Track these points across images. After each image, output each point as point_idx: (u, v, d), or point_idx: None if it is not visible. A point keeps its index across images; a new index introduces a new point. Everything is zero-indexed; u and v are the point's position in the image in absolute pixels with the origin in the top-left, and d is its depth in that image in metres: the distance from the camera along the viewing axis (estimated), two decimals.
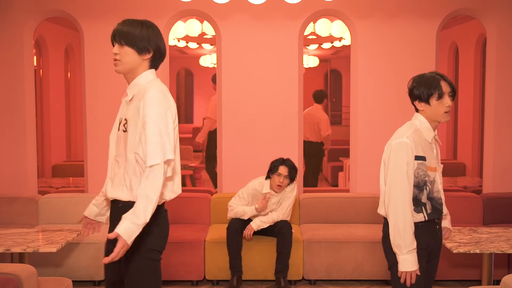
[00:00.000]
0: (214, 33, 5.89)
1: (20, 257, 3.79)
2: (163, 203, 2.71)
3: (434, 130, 2.76)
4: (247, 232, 4.63)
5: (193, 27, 6.97)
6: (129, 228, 2.40)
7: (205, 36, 7.84)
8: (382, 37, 5.43)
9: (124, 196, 2.61)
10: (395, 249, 2.61)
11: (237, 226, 4.65)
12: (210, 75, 7.93)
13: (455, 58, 8.73)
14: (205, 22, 6.80)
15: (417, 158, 2.65)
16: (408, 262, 2.59)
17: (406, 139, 2.65)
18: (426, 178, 2.68)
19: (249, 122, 5.49)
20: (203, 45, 9.09)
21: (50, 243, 3.63)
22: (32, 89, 5.53)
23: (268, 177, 4.74)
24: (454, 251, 3.44)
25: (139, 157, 2.53)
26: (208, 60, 10.67)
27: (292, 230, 4.73)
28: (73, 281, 3.81)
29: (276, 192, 4.72)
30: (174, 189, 2.68)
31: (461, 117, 8.38)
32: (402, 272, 2.61)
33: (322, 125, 7.55)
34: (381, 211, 2.79)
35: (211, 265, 4.76)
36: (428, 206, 2.69)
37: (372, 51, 5.45)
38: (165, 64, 5.47)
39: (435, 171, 2.72)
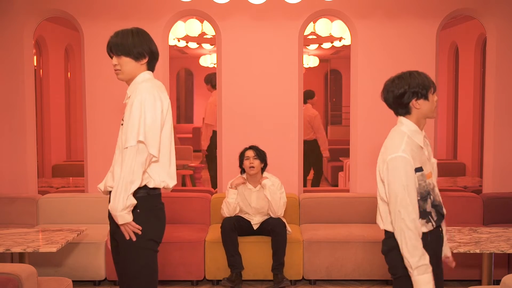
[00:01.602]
0: (214, 33, 5.89)
1: (20, 257, 3.79)
2: (160, 196, 2.81)
3: (422, 131, 2.67)
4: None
5: (193, 27, 6.97)
6: (113, 215, 2.65)
7: (205, 36, 7.84)
8: (382, 37, 5.43)
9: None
10: (412, 270, 2.49)
11: (231, 223, 4.67)
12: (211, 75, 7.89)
13: (455, 58, 8.73)
14: (205, 22, 6.80)
15: (416, 170, 2.55)
16: (427, 282, 2.48)
17: (402, 153, 2.53)
18: (428, 188, 2.61)
19: (249, 122, 5.49)
20: (203, 45, 9.09)
21: (50, 243, 3.63)
22: (32, 89, 5.53)
23: (242, 171, 4.87)
24: (454, 251, 3.44)
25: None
26: (208, 60, 10.67)
27: (287, 228, 4.74)
28: (73, 281, 3.81)
29: (249, 180, 4.80)
30: (162, 178, 2.75)
31: (461, 117, 8.38)
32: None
33: (313, 122, 7.62)
34: (382, 225, 2.71)
35: (211, 265, 4.76)
36: (434, 214, 2.63)
37: (372, 51, 5.45)
38: (165, 64, 5.47)
39: (432, 177, 2.67)
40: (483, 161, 5.82)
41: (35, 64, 6.15)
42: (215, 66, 6.57)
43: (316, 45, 9.27)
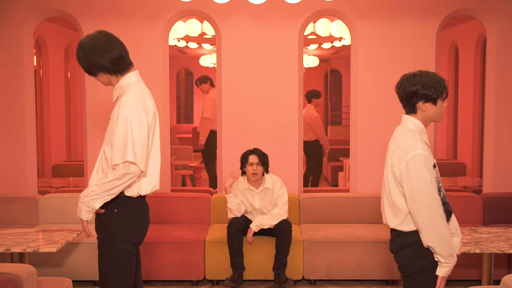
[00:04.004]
0: (214, 33, 5.89)
1: (20, 257, 3.79)
2: (141, 199, 2.81)
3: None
4: (248, 235, 4.67)
5: (193, 27, 6.97)
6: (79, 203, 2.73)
7: (205, 36, 7.84)
8: (382, 37, 5.44)
9: None
10: (445, 260, 2.54)
11: (238, 224, 4.66)
12: (210, 75, 7.91)
13: (455, 58, 8.73)
14: (205, 22, 6.81)
15: (433, 166, 2.57)
16: (450, 269, 2.58)
17: (421, 150, 2.52)
18: (441, 184, 2.62)
19: (249, 122, 5.49)
20: (203, 45, 9.09)
21: (50, 243, 3.62)
22: (32, 89, 5.53)
23: (243, 172, 4.83)
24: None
25: (108, 152, 2.71)
26: (208, 60, 10.66)
27: (292, 229, 4.73)
28: (73, 281, 3.81)
29: (251, 182, 4.77)
30: (138, 188, 2.77)
31: (461, 117, 8.38)
32: (443, 277, 2.59)
33: (313, 124, 7.63)
34: (392, 224, 2.67)
35: (211, 265, 4.76)
36: (444, 211, 2.62)
37: (372, 51, 5.45)
38: (165, 64, 5.48)
39: (438, 173, 2.68)
40: (483, 161, 5.82)
41: (35, 64, 6.14)
42: (215, 66, 6.57)
43: (316, 45, 9.27)
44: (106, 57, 2.70)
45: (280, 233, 4.65)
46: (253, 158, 4.75)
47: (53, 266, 4.64)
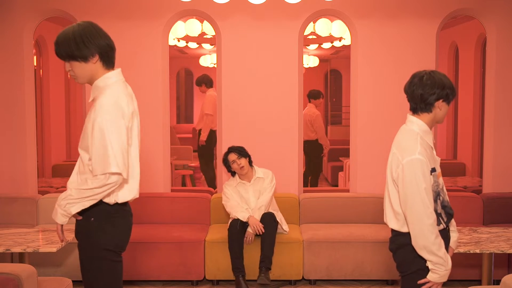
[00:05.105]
0: (214, 33, 5.89)
1: (20, 257, 3.79)
2: (124, 203, 2.68)
3: (431, 131, 2.66)
4: (249, 239, 4.66)
5: (193, 27, 6.98)
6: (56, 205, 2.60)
7: (205, 36, 7.85)
8: (382, 37, 5.44)
9: None
10: (434, 267, 2.54)
11: (238, 225, 4.66)
12: (211, 75, 7.94)
13: (455, 58, 8.73)
14: (205, 22, 6.81)
15: (431, 171, 2.53)
16: (447, 276, 2.58)
17: (419, 156, 2.47)
18: (439, 189, 2.60)
19: (249, 122, 5.49)
20: (203, 45, 9.09)
21: (50, 243, 3.63)
22: (32, 89, 5.53)
23: (233, 173, 4.92)
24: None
25: (84, 157, 2.58)
26: (208, 60, 10.66)
27: (279, 224, 4.75)
28: (73, 281, 3.80)
29: (242, 177, 4.84)
30: (120, 196, 2.64)
31: (461, 117, 8.38)
32: (435, 283, 2.59)
33: (314, 122, 7.65)
34: (392, 224, 2.67)
35: (211, 265, 4.76)
36: (443, 215, 2.63)
37: (372, 51, 5.45)
38: (165, 64, 5.47)
39: (441, 176, 2.65)
40: (483, 161, 5.82)
41: (35, 64, 6.14)
42: (215, 66, 6.57)
43: (316, 45, 9.27)
44: (98, 41, 2.58)
45: (265, 222, 4.64)
46: (232, 156, 4.84)
47: (53, 266, 4.64)
